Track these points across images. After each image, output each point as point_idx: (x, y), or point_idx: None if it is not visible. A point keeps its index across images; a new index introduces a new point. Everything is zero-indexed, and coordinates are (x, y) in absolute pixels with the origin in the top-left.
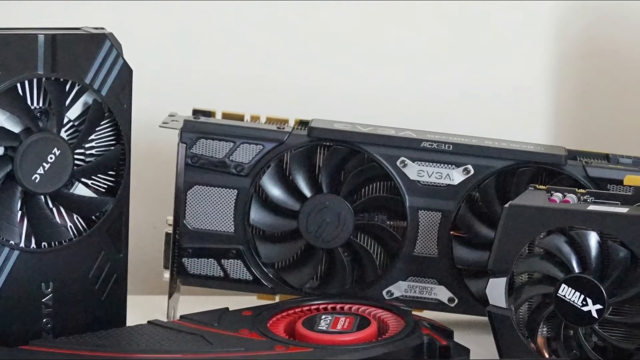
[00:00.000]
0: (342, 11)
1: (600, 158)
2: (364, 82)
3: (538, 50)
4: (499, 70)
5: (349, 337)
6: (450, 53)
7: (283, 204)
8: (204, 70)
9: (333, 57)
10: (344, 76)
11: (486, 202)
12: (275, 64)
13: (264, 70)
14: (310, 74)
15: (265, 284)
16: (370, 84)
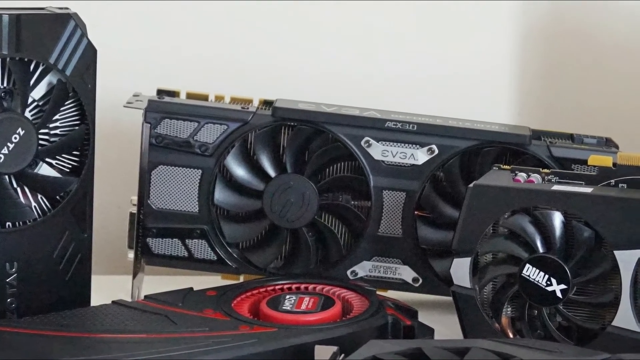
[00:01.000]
0: None
1: (565, 138)
2: (328, 62)
3: (502, 31)
4: (463, 51)
5: (313, 317)
6: (415, 33)
7: (247, 183)
8: (168, 50)
9: (298, 37)
10: (309, 56)
11: (450, 182)
12: (239, 44)
13: (229, 50)
14: (275, 54)
15: (230, 263)
16: (334, 65)
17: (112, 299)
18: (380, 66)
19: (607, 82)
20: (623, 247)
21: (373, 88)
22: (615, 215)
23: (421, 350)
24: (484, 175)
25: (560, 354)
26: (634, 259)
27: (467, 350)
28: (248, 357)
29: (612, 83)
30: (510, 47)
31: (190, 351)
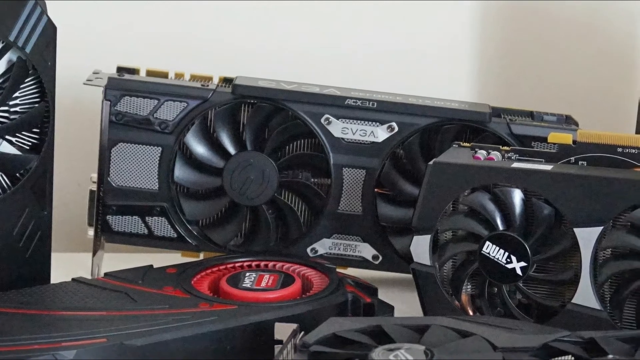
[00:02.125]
0: None
1: (525, 115)
2: (288, 39)
3: (462, 8)
4: (423, 28)
5: (273, 295)
6: (375, 11)
7: (207, 161)
8: (128, 28)
9: (258, 14)
10: (269, 34)
11: (410, 160)
12: (199, 22)
13: (188, 27)
14: (235, 32)
15: (190, 241)
16: (294, 42)
17: (72, 276)
18: (341, 44)
19: (566, 60)
20: (583, 224)
21: (333, 66)
22: (575, 192)
23: (381, 327)
24: (443, 152)
25: (520, 331)
26: (594, 237)
27: (426, 328)
28: (208, 335)
29: (572, 60)
30: (470, 25)
31: (150, 328)
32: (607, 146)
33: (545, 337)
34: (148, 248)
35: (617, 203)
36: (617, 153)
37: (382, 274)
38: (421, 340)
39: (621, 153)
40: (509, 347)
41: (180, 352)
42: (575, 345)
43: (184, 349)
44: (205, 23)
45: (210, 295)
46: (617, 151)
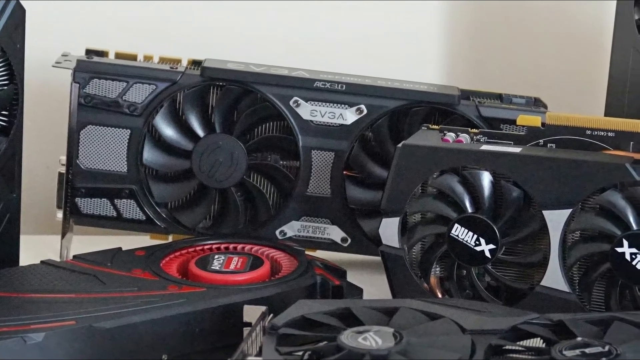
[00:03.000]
0: None
1: (494, 98)
2: (257, 22)
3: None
4: (392, 10)
5: (241, 277)
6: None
7: (176, 143)
8: (96, 10)
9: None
10: (238, 16)
11: (379, 142)
12: (168, 4)
13: (157, 10)
14: (203, 14)
15: (158, 223)
16: (263, 24)
17: (40, 258)
18: (309, 26)
19: (535, 42)
20: (552, 207)
21: (302, 48)
22: (544, 175)
23: (350, 310)
24: (412, 135)
25: (489, 313)
26: (563, 219)
27: (395, 310)
28: (177, 317)
29: (541, 43)
30: (438, 7)
31: (118, 311)
32: (576, 128)
33: (514, 319)
34: (117, 230)
35: (586, 185)
36: (586, 135)
37: (351, 257)
38: (390, 322)
39: (590, 135)
40: (478, 330)
41: (149, 334)
42: (544, 328)
43: (152, 331)
44: (174, 5)
45: (179, 278)
46: (586, 133)
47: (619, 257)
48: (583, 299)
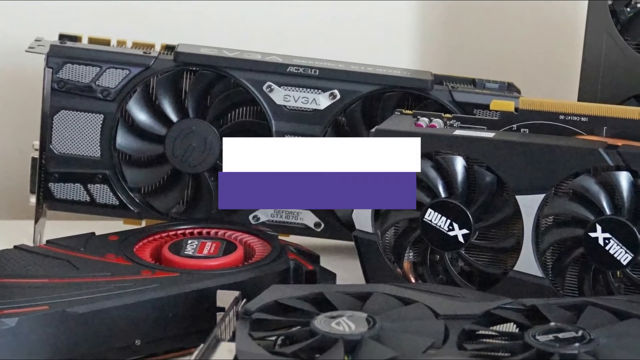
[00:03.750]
0: None
1: (467, 83)
2: (231, 6)
3: None
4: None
5: (215, 262)
6: None
7: (149, 128)
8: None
9: None
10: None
11: (352, 127)
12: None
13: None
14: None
15: (132, 208)
16: (237, 9)
17: (14, 243)
18: (283, 11)
19: (509, 28)
20: (525, 191)
21: (275, 33)
22: (517, 160)
23: (323, 295)
24: (385, 120)
25: (462, 298)
26: (536, 204)
27: (369, 295)
28: (150, 302)
29: (514, 28)
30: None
31: (92, 296)
32: (549, 113)
33: (487, 304)
34: (90, 215)
35: (559, 170)
36: (559, 120)
37: (324, 242)
38: (363, 307)
39: (563, 120)
40: (451, 315)
41: (122, 319)
42: (517, 313)
43: (126, 316)
44: None
45: (152, 263)
46: (559, 118)
47: (592, 242)
48: (556, 283)
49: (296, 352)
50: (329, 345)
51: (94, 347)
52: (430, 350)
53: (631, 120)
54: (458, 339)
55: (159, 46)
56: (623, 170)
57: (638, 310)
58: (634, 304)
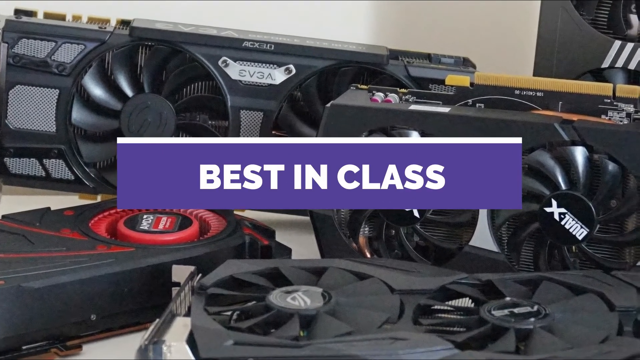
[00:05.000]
0: None
1: (422, 58)
2: None
3: None
4: None
5: (170, 237)
6: None
7: (105, 103)
8: None
9: None
10: None
11: (308, 102)
12: None
13: None
14: None
15: (87, 183)
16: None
17: None
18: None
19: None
20: None
21: (231, 8)
22: (473, 134)
23: (278, 269)
24: (341, 95)
25: (418, 273)
26: None
27: (324, 270)
28: (105, 277)
29: (470, 3)
30: None
31: (47, 271)
32: (505, 88)
33: (443, 279)
34: (46, 190)
35: None
36: (514, 95)
37: (279, 216)
38: (319, 282)
39: (519, 95)
40: (407, 290)
41: (78, 294)
42: (473, 288)
43: (81, 291)
44: None
45: (107, 238)
46: (515, 93)
47: (547, 217)
48: (512, 258)
49: (251, 327)
50: (284, 320)
51: (49, 322)
52: (386, 325)
53: (586, 95)
54: (413, 313)
55: (114, 21)
56: (578, 145)
57: (593, 285)
58: (589, 279)
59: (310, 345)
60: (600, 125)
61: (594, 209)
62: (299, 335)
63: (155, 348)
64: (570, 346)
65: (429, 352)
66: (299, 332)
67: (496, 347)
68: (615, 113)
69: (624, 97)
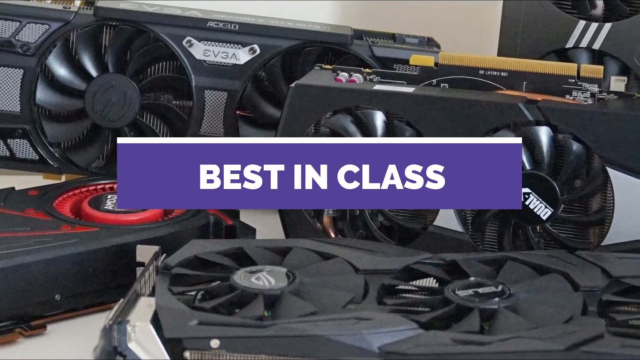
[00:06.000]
0: None
1: (387, 38)
2: None
3: None
4: None
5: (134, 217)
6: None
7: (69, 83)
8: None
9: None
10: None
11: (272, 82)
12: None
13: None
14: None
15: (52, 163)
16: None
17: None
18: None
19: None
20: None
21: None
22: (437, 115)
23: (243, 250)
24: (305, 75)
25: (382, 253)
26: None
27: (288, 250)
28: (70, 257)
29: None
30: None
31: (11, 251)
32: (469, 68)
33: (407, 259)
34: (10, 170)
35: (479, 125)
36: (479, 75)
37: None
38: (283, 262)
39: (483, 75)
40: (371, 270)
41: (42, 274)
42: (437, 268)
43: (45, 271)
44: None
45: (72, 218)
46: (479, 73)
47: None
48: (476, 238)
49: (216, 306)
50: (248, 300)
51: (13, 301)
52: (350, 305)
53: (551, 75)
54: (378, 293)
55: (78, 1)
56: (543, 125)
57: (558, 265)
58: (553, 258)
59: (275, 325)
60: (565, 105)
61: (558, 189)
62: (263, 315)
63: (120, 328)
64: (534, 326)
65: (393, 332)
66: (263, 312)
67: (460, 327)
68: (580, 93)
69: (588, 77)
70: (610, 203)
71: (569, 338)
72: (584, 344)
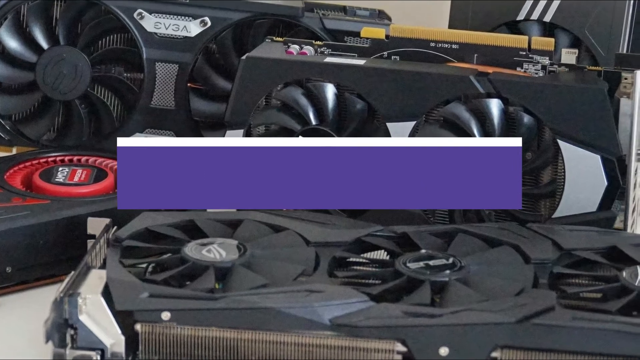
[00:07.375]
0: None
1: (338, 10)
2: None
3: None
4: None
5: (86, 189)
6: None
7: (20, 56)
8: None
9: None
10: None
11: (223, 54)
12: None
13: None
14: None
15: (2, 135)
16: None
17: None
18: None
19: None
20: (396, 119)
21: None
22: (388, 87)
23: (194, 222)
24: (256, 47)
25: (333, 226)
26: (407, 131)
27: (239, 223)
28: (20, 229)
29: None
30: None
31: None
32: (420, 41)
33: (358, 231)
34: None
35: (430, 98)
36: (430, 48)
37: None
38: (234, 235)
39: (434, 48)
40: (322, 242)
41: None
42: (388, 240)
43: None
44: None
45: (23, 190)
46: (430, 46)
47: None
48: (427, 211)
49: (167, 279)
50: (199, 272)
51: None
52: (301, 278)
53: (502, 47)
54: (329, 266)
55: None
56: (494, 97)
57: (509, 237)
58: (504, 231)
59: (226, 298)
60: (516, 78)
61: None
62: (214, 287)
63: (71, 300)
64: (485, 298)
65: (345, 304)
66: (214, 285)
67: (411, 299)
68: (531, 65)
69: (539, 50)
70: (561, 175)
71: (520, 310)
72: (535, 317)
